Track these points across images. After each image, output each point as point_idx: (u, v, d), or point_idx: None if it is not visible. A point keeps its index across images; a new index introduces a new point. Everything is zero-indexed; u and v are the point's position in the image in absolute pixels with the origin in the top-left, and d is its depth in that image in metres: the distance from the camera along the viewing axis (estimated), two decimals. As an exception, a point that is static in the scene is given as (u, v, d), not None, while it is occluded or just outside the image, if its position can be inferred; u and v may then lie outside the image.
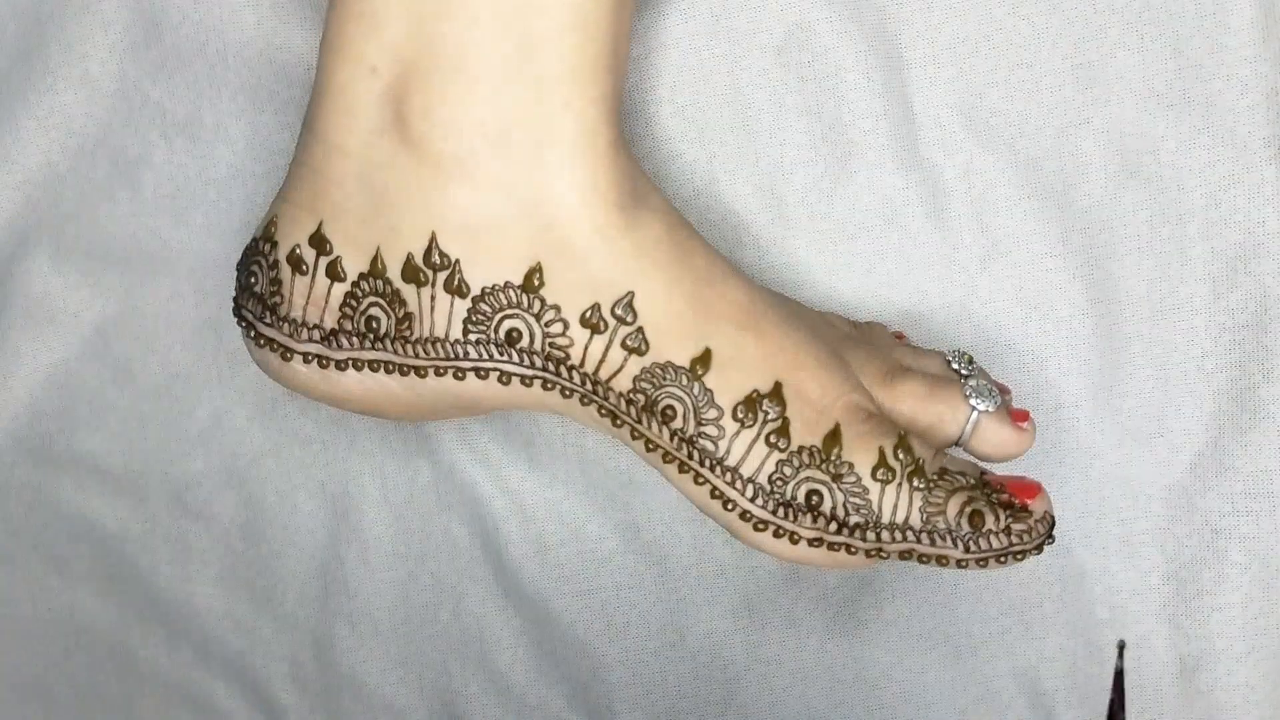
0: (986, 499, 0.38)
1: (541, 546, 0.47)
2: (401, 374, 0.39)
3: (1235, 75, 0.43)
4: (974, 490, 0.38)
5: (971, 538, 0.37)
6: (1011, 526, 0.37)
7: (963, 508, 0.37)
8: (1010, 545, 0.37)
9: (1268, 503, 0.44)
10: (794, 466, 0.38)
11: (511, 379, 0.38)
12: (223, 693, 0.49)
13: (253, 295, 0.40)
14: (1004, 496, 0.38)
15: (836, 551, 0.38)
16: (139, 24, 0.46)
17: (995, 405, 0.39)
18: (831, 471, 0.38)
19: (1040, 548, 0.38)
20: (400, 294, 0.38)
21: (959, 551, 0.38)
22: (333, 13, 0.37)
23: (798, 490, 0.38)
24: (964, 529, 0.37)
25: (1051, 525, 0.38)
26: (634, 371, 0.38)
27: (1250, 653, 0.44)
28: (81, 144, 0.47)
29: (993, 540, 0.37)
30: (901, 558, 0.38)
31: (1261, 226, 0.43)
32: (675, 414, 0.38)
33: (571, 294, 0.37)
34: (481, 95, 0.36)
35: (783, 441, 0.38)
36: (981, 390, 0.40)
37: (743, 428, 0.38)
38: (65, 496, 0.49)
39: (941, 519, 0.37)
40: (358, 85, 0.37)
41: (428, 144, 0.37)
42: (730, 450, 0.38)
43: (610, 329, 0.38)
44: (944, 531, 0.37)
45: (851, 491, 0.38)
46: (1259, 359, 0.44)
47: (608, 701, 0.47)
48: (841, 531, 0.38)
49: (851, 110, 0.44)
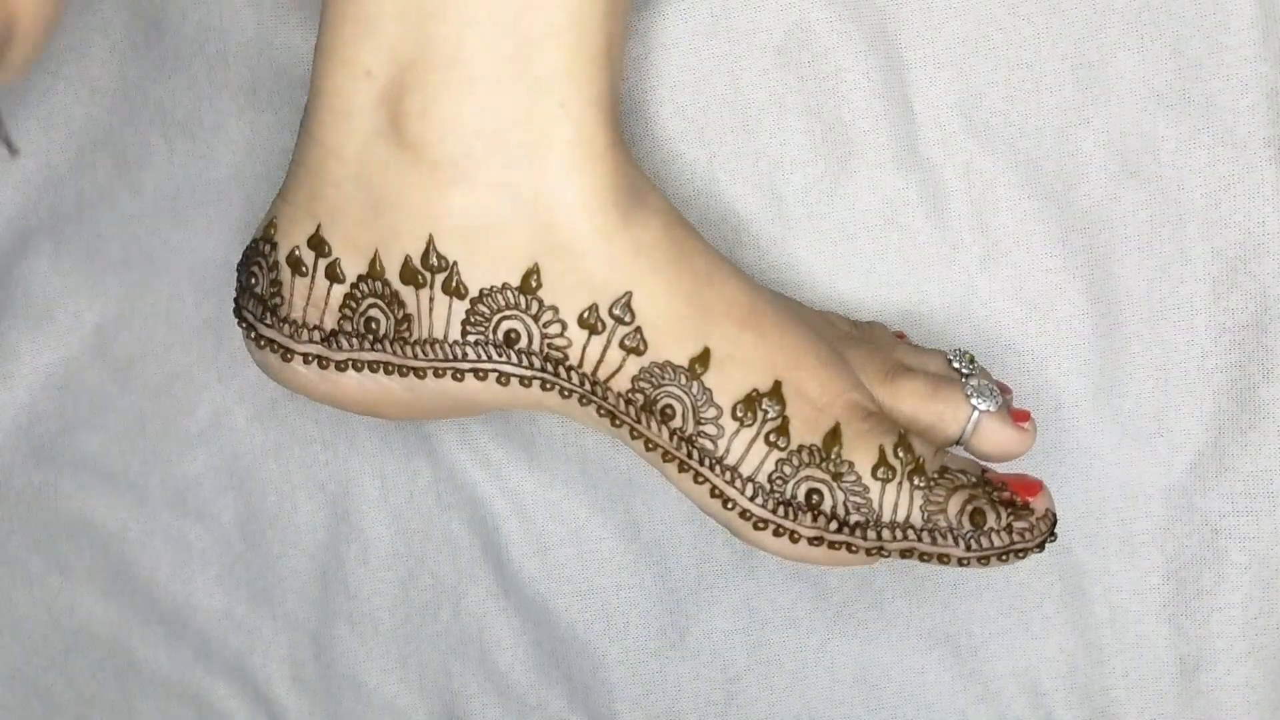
0: (988, 497, 0.38)
1: (541, 546, 0.47)
2: (401, 375, 0.39)
3: (1235, 75, 0.42)
4: (975, 488, 0.38)
5: (973, 536, 0.37)
6: (1013, 524, 0.37)
7: (964, 506, 0.37)
8: (1012, 543, 0.37)
9: (1268, 503, 0.44)
10: (794, 465, 0.38)
11: (510, 380, 0.38)
12: (223, 693, 0.49)
13: (253, 296, 0.40)
14: (1005, 494, 0.38)
15: (837, 550, 0.38)
16: (139, 24, 0.46)
17: (996, 405, 0.39)
18: (831, 470, 0.38)
19: (1042, 545, 0.38)
20: (399, 295, 0.38)
21: (960, 550, 0.37)
22: (326, 16, 0.37)
23: (798, 489, 0.38)
24: (965, 527, 0.37)
25: (1053, 523, 0.38)
26: (632, 371, 0.38)
27: (1250, 653, 0.44)
28: (81, 144, 0.47)
29: (994, 538, 0.37)
30: (902, 556, 0.38)
31: (1261, 226, 0.43)
32: (674, 413, 0.38)
33: (569, 294, 0.37)
34: (478, 97, 0.36)
35: (782, 440, 0.38)
36: (982, 390, 0.40)
37: (742, 426, 0.38)
38: (65, 496, 0.49)
39: (943, 517, 0.37)
40: (353, 89, 0.37)
41: (424, 146, 0.37)
42: (730, 449, 0.38)
43: (608, 329, 0.38)
44: (945, 530, 0.37)
45: (852, 490, 0.38)
46: (1259, 359, 0.44)
47: (608, 701, 0.47)
48: (842, 530, 0.38)
49: (851, 110, 0.44)
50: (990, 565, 0.38)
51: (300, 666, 0.49)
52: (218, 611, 0.49)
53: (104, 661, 0.50)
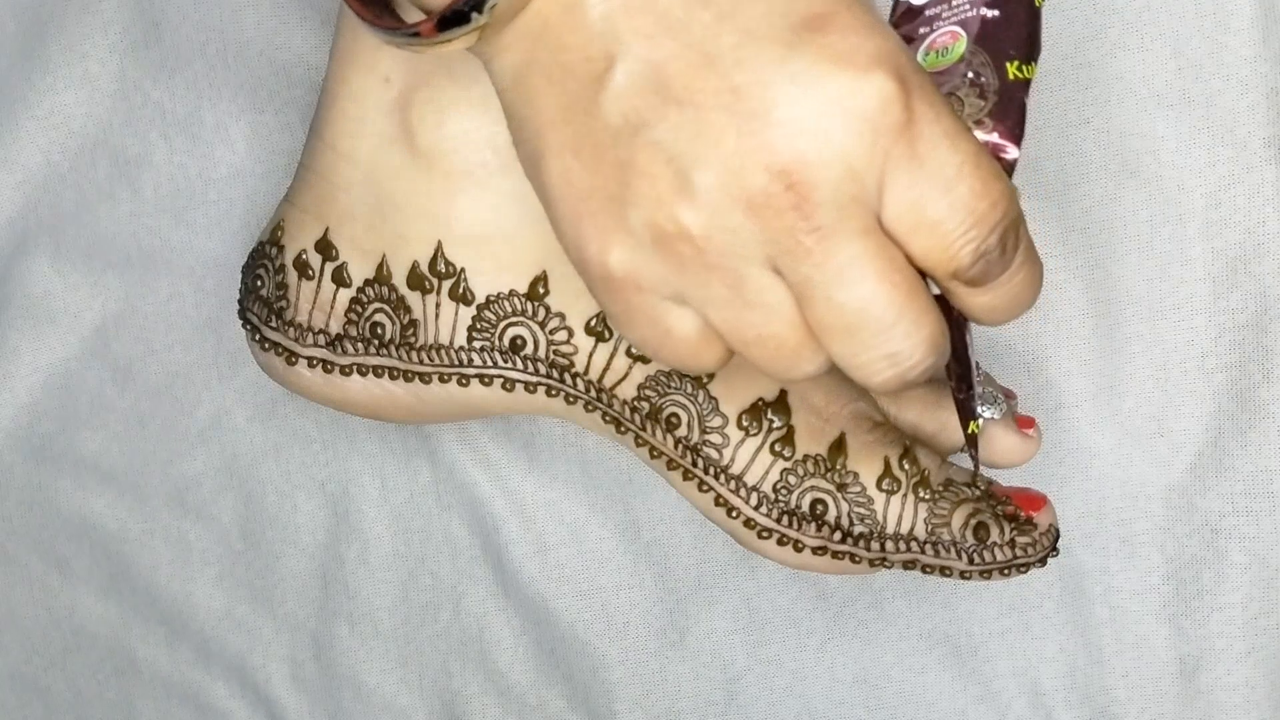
0: (992, 511, 0.38)
1: (541, 546, 0.47)
2: (406, 380, 0.39)
3: (1235, 75, 0.42)
4: (979, 502, 0.38)
5: (976, 550, 0.37)
6: (1016, 540, 0.37)
7: (968, 520, 0.37)
8: (1014, 558, 0.37)
9: (1268, 503, 0.44)
10: (799, 475, 0.38)
11: (515, 386, 0.38)
12: (223, 693, 0.49)
13: (258, 299, 0.40)
14: (1009, 509, 0.38)
15: (840, 559, 0.38)
16: (139, 24, 0.46)
17: (1001, 412, 0.39)
18: (836, 481, 0.38)
19: (1044, 561, 0.38)
20: (405, 301, 0.38)
21: (963, 563, 0.37)
22: (345, 21, 0.37)
23: (802, 499, 0.38)
24: (969, 541, 0.37)
25: (1056, 538, 0.38)
26: (638, 379, 0.38)
27: (1250, 653, 0.44)
28: (81, 144, 0.47)
29: (997, 553, 0.37)
30: (905, 567, 0.38)
31: (1261, 226, 0.43)
32: (679, 422, 0.38)
33: (577, 301, 0.37)
34: (493, 109, 0.36)
35: (787, 450, 0.38)
36: (987, 397, 0.40)
37: (747, 436, 0.38)
38: (65, 496, 0.49)
39: (946, 531, 0.37)
40: (370, 94, 0.37)
41: (438, 155, 0.37)
42: (735, 458, 0.38)
43: (614, 337, 0.38)
44: (948, 543, 0.37)
45: (856, 501, 0.38)
46: (1259, 359, 0.44)
47: (608, 701, 0.47)
48: (846, 540, 0.38)
49: (852, 110, 0.44)
50: (992, 579, 0.38)
51: (300, 666, 0.49)
52: (218, 611, 0.49)
53: (104, 661, 0.50)
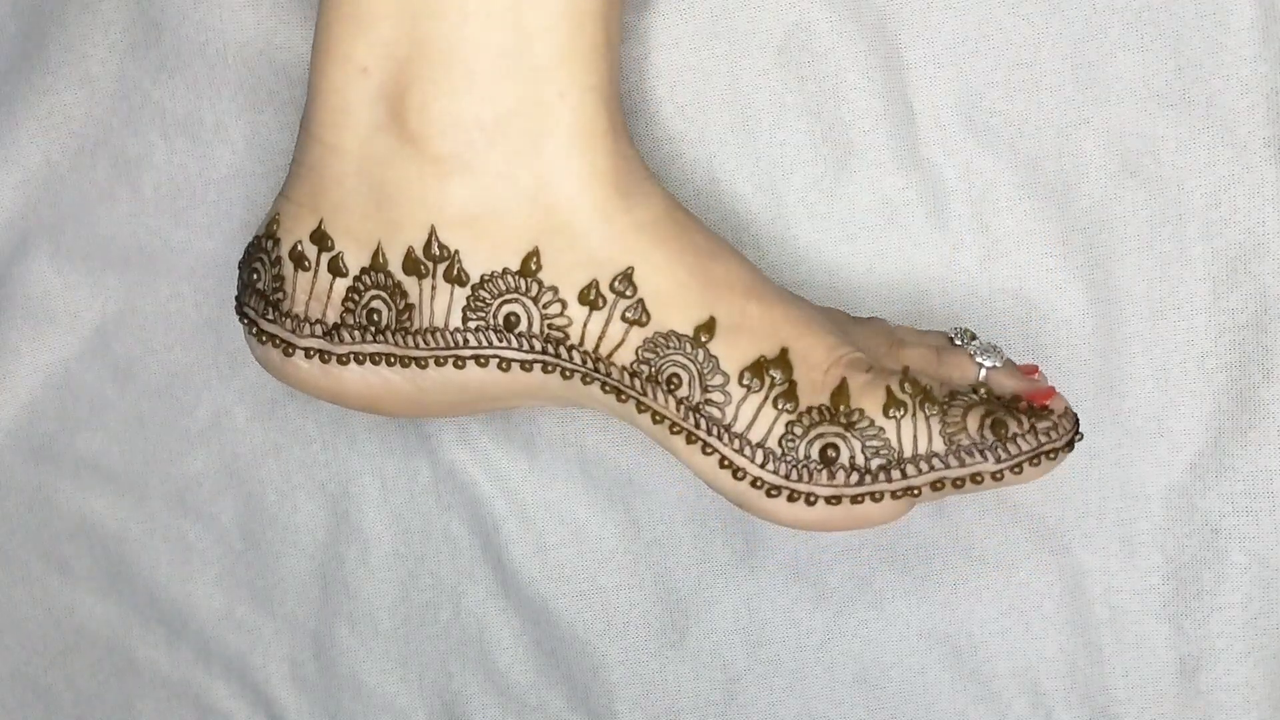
0: (1004, 408, 0.37)
1: (541, 546, 0.47)
2: (403, 365, 0.39)
3: (1235, 75, 0.43)
4: (989, 403, 0.37)
5: (999, 446, 0.37)
6: (1036, 425, 0.37)
7: (983, 420, 0.37)
8: (1040, 445, 0.37)
9: (1268, 503, 0.44)
10: (804, 425, 0.37)
11: (511, 365, 0.39)
12: (223, 693, 0.49)
13: (255, 292, 0.40)
14: (1021, 404, 0.37)
15: (859, 504, 0.38)
16: (139, 24, 0.46)
17: (1002, 360, 0.39)
18: (843, 422, 0.37)
19: (1071, 444, 0.37)
20: (401, 286, 0.38)
21: (990, 464, 0.37)
22: (322, 16, 0.38)
23: (811, 448, 0.37)
24: (989, 439, 0.37)
25: (1076, 421, 0.38)
26: (636, 343, 0.38)
27: (1250, 653, 0.44)
28: (81, 144, 0.47)
29: (1021, 443, 0.37)
30: (934, 489, 0.37)
31: (1261, 226, 0.43)
32: (680, 382, 0.38)
33: (570, 273, 0.38)
34: (477, 89, 0.36)
35: (790, 404, 0.38)
36: (987, 349, 0.39)
37: (750, 393, 0.38)
38: (65, 496, 0.49)
39: (964, 436, 0.37)
40: (350, 86, 0.37)
41: (425, 140, 0.37)
42: (738, 415, 0.38)
43: (609, 304, 0.38)
44: (970, 447, 0.37)
45: (867, 434, 0.37)
46: (1259, 359, 0.44)
47: (608, 701, 0.47)
48: (864, 479, 0.37)
49: (851, 110, 0.44)
50: (1024, 475, 0.37)
51: (300, 666, 0.49)
52: (218, 611, 0.49)
53: (104, 661, 0.50)
